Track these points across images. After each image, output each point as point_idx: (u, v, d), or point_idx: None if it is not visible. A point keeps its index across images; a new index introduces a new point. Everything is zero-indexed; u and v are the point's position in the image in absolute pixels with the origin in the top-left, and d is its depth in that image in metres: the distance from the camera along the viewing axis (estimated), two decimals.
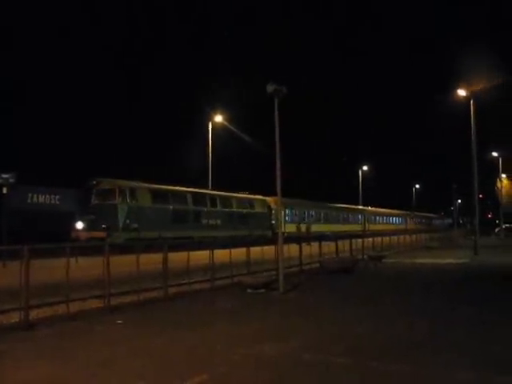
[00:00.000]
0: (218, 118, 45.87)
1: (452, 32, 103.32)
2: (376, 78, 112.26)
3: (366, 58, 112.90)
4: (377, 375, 6.51)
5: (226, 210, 39.49)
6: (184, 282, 14.54)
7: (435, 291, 14.62)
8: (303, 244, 21.20)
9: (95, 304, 12.22)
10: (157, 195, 33.47)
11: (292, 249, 18.95)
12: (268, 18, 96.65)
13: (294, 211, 50.94)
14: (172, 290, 13.75)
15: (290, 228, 45.32)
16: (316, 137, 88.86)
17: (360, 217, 66.85)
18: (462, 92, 35.47)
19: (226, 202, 40.05)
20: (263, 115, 14.49)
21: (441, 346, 7.99)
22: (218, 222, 38.12)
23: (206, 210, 37.33)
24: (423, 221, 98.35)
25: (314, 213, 55.75)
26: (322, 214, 57.53)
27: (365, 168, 79.25)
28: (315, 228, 49.16)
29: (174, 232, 31.65)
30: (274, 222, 43.91)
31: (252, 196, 43.78)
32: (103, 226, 28.95)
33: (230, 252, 16.17)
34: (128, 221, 30.45)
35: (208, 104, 47.84)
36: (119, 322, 10.25)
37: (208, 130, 45.33)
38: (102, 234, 28.13)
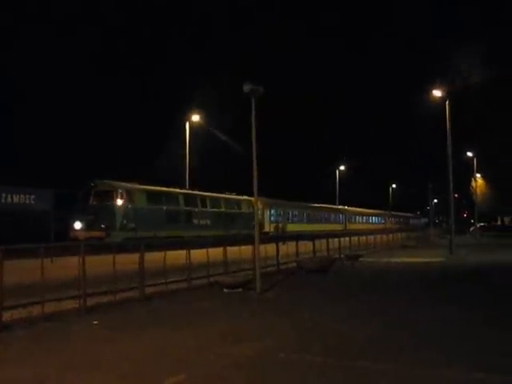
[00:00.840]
0: (196, 118, 45.71)
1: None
2: (356, 77, 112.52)
3: (349, 58, 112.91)
4: (355, 374, 6.52)
5: (216, 210, 40.65)
6: (161, 281, 14.47)
7: (412, 290, 14.74)
8: (279, 243, 21.21)
9: (71, 305, 12.09)
10: (152, 196, 34.65)
11: (269, 248, 18.96)
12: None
13: (278, 211, 51.88)
14: (149, 290, 13.67)
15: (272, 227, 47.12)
16: (300, 137, 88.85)
17: (341, 217, 67.96)
18: (437, 92, 35.69)
19: (215, 202, 41.25)
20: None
21: (419, 344, 8.05)
22: (208, 221, 39.16)
23: (196, 210, 38.44)
24: (401, 220, 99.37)
25: (297, 213, 56.80)
26: (305, 214, 58.51)
27: (342, 168, 79.61)
28: (299, 228, 49.82)
29: (167, 231, 32.46)
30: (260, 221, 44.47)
31: (239, 197, 44.68)
32: (102, 225, 29.92)
33: (207, 252, 16.12)
34: (125, 221, 31.50)
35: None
36: (95, 322, 10.16)
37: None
38: (100, 234, 29.12)
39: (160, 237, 29.58)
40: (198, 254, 15.94)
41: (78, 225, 30.68)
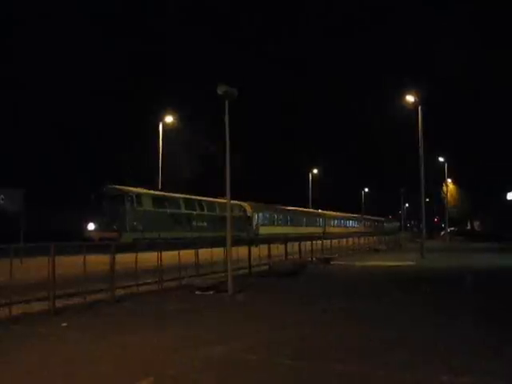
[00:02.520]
0: (169, 119, 45.57)
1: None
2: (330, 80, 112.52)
3: (318, 58, 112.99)
4: (325, 377, 6.55)
5: (211, 213, 44.31)
6: (132, 283, 14.36)
7: (382, 293, 14.83)
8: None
9: (40, 307, 11.88)
10: (157, 200, 38.42)
11: (241, 251, 18.94)
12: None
13: (266, 215, 56.42)
14: (120, 292, 13.55)
15: (264, 230, 51.65)
16: (274, 138, 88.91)
17: (321, 220, 71.59)
18: (410, 98, 36.03)
19: (211, 206, 44.84)
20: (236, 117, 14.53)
21: (389, 346, 8.11)
22: (205, 224, 42.79)
23: (195, 213, 42.31)
24: (376, 224, 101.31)
25: (282, 217, 60.73)
26: (289, 218, 62.29)
27: (315, 171, 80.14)
28: (283, 230, 53.08)
29: (170, 233, 35.45)
30: (249, 224, 50.66)
31: (232, 201, 45.20)
32: (115, 227, 33.53)
33: (179, 254, 16.04)
34: (135, 223, 35.36)
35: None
36: (64, 324, 10.03)
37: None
38: (113, 235, 32.01)
39: (163, 237, 31.70)
40: (170, 256, 15.86)
41: (91, 226, 34.21)
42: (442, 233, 74.65)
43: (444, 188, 70.60)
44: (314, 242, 28.79)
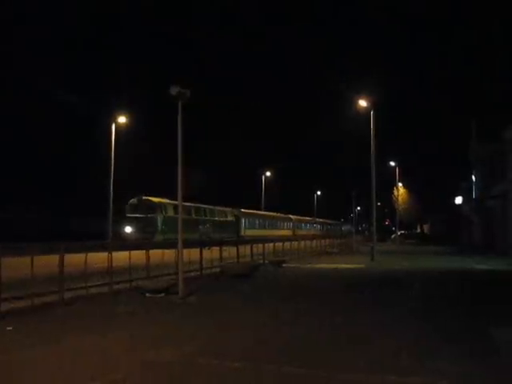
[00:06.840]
0: (122, 119, 45.00)
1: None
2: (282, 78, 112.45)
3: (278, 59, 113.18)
4: (274, 379, 6.62)
5: (212, 218, 53.64)
6: (81, 285, 14.13)
7: (332, 294, 15.02)
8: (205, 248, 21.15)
9: None
10: (176, 208, 42.57)
11: (193, 253, 18.88)
12: None
13: (250, 220, 64.15)
14: (69, 295, 13.33)
15: (248, 232, 58.46)
16: (226, 141, 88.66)
17: (290, 224, 77.92)
18: (363, 102, 36.36)
19: (211, 212, 54.24)
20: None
21: (338, 347, 8.24)
22: (208, 227, 50.78)
23: (200, 219, 50.72)
24: (336, 228, 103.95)
25: (261, 221, 68.54)
26: (267, 222, 69.72)
27: (268, 174, 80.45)
28: (262, 233, 58.26)
29: (185, 235, 39.28)
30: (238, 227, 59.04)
31: (226, 208, 58.35)
32: (148, 230, 42.08)
33: (130, 254, 15.88)
34: (163, 227, 44.08)
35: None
36: (9, 328, 9.83)
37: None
38: (147, 236, 39.97)
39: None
40: (121, 257, 15.69)
41: (128, 229, 42.90)
42: (393, 236, 75.96)
43: (395, 192, 71.85)
44: (266, 244, 28.83)
